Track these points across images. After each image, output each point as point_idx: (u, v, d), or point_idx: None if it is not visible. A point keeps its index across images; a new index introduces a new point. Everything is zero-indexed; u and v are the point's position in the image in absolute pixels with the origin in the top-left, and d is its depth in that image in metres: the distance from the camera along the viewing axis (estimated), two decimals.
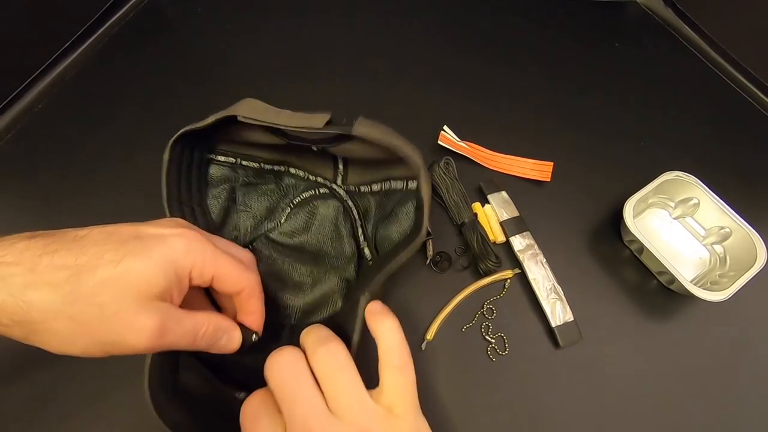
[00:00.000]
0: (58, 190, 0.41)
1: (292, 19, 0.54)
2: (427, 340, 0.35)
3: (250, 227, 0.36)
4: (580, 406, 0.33)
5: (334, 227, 0.37)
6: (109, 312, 0.21)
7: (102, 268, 0.21)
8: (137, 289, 0.21)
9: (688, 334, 0.36)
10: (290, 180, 0.39)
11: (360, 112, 0.29)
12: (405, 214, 0.36)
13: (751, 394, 0.35)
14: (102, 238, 0.22)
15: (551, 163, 0.42)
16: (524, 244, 0.38)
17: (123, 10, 0.54)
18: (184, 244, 0.23)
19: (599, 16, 0.57)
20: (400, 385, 0.24)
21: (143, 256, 0.22)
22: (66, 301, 0.20)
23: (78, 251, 0.21)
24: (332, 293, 0.34)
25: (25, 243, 0.21)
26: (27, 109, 0.46)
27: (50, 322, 0.20)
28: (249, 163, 0.37)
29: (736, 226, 0.37)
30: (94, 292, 0.21)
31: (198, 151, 0.34)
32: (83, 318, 0.21)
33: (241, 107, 0.29)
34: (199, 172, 0.34)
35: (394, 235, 0.35)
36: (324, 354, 0.23)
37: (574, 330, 0.35)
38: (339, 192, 0.38)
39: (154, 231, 0.24)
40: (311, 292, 0.34)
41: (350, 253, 0.36)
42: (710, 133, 0.47)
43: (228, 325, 0.26)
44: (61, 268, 0.21)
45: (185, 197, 0.33)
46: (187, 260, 0.23)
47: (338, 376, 0.23)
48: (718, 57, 0.54)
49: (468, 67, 0.51)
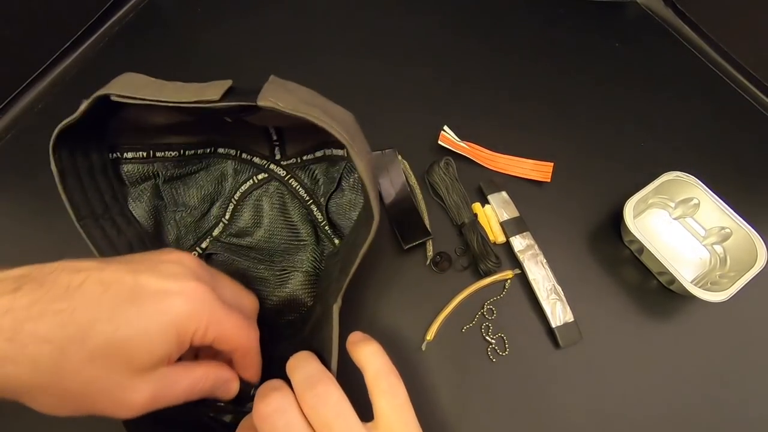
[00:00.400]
0: (57, 189, 0.41)
1: (292, 19, 0.54)
2: (427, 340, 0.35)
3: (191, 224, 0.33)
4: (580, 406, 0.33)
5: (283, 218, 0.34)
6: (96, 387, 0.19)
7: (90, 341, 0.19)
8: (130, 361, 0.20)
9: (688, 335, 0.36)
10: (220, 162, 0.34)
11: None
12: (350, 187, 0.32)
13: (751, 394, 0.35)
14: (97, 296, 0.20)
15: (551, 163, 0.42)
16: (524, 245, 0.38)
17: (123, 10, 0.54)
18: (188, 307, 0.21)
19: (599, 16, 0.57)
20: (394, 409, 0.23)
21: (139, 325, 0.20)
22: (49, 379, 0.19)
23: (67, 318, 0.19)
24: (299, 290, 0.32)
25: (8, 301, 0.18)
26: (27, 109, 0.46)
27: (33, 394, 0.19)
28: (165, 153, 0.31)
29: (736, 226, 0.37)
30: (80, 367, 0.19)
31: (95, 152, 0.28)
32: (68, 393, 0.19)
33: (115, 84, 0.25)
34: (106, 177, 0.29)
35: (347, 210, 0.32)
36: (315, 400, 0.22)
37: (574, 330, 0.35)
38: (278, 172, 0.34)
39: (156, 286, 0.21)
40: (276, 293, 0.32)
41: (308, 239, 0.33)
42: (710, 133, 0.47)
43: (228, 376, 0.25)
44: (44, 341, 0.18)
45: (99, 210, 0.28)
46: (189, 325, 0.21)
47: (335, 422, 0.21)
48: (718, 57, 0.54)
49: (468, 67, 0.51)
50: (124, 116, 0.27)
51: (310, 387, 0.22)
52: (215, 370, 0.24)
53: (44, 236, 0.39)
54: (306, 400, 0.22)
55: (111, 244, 0.28)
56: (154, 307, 0.21)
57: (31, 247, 0.39)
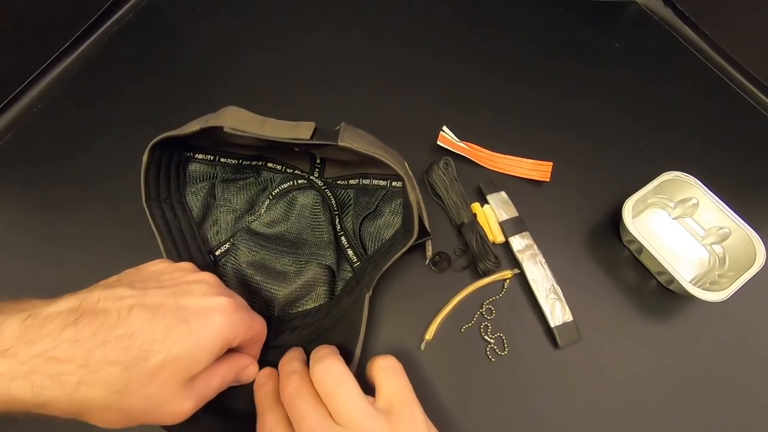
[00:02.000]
0: (57, 189, 0.41)
1: (292, 19, 0.54)
2: (426, 340, 0.35)
3: (231, 221, 0.37)
4: (579, 406, 0.33)
5: (313, 216, 0.38)
6: (155, 402, 0.22)
7: (152, 358, 0.22)
8: (183, 374, 0.23)
9: (688, 334, 0.36)
10: (268, 174, 0.39)
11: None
12: (391, 210, 0.37)
13: (751, 394, 0.35)
14: (149, 320, 0.22)
15: (550, 163, 0.42)
16: (523, 245, 0.38)
17: (123, 10, 0.54)
18: (228, 320, 0.25)
19: (599, 16, 0.57)
20: (395, 385, 0.26)
21: (192, 339, 0.23)
22: (116, 398, 0.21)
23: (128, 342, 0.22)
24: (315, 281, 0.35)
25: (73, 333, 0.21)
26: (27, 109, 0.46)
27: (100, 413, 0.21)
28: (227, 159, 0.37)
29: (735, 226, 0.37)
30: (143, 384, 0.22)
31: (177, 152, 0.34)
32: (130, 409, 0.22)
33: (226, 117, 0.30)
34: (178, 171, 0.35)
35: (382, 229, 0.37)
36: (320, 371, 0.25)
37: (573, 330, 0.35)
38: (317, 182, 0.39)
39: (196, 305, 0.24)
40: (294, 281, 0.35)
41: (328, 240, 0.37)
42: (710, 133, 0.47)
43: (246, 362, 0.28)
44: (113, 363, 0.21)
45: (164, 195, 0.34)
46: (229, 335, 0.25)
47: (336, 389, 0.25)
48: (717, 57, 0.54)
49: (467, 68, 0.51)
50: (210, 131, 0.31)
51: (317, 362, 0.26)
52: (236, 360, 0.27)
53: (44, 235, 0.39)
54: (313, 373, 0.25)
55: (166, 224, 0.34)
56: (200, 323, 0.24)
57: (32, 246, 0.39)
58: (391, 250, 0.32)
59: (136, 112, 0.46)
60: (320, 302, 0.35)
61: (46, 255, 0.38)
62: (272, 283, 0.35)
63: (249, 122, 0.29)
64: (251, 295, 0.35)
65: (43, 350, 0.20)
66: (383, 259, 0.32)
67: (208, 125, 0.29)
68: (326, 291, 0.35)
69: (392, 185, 0.38)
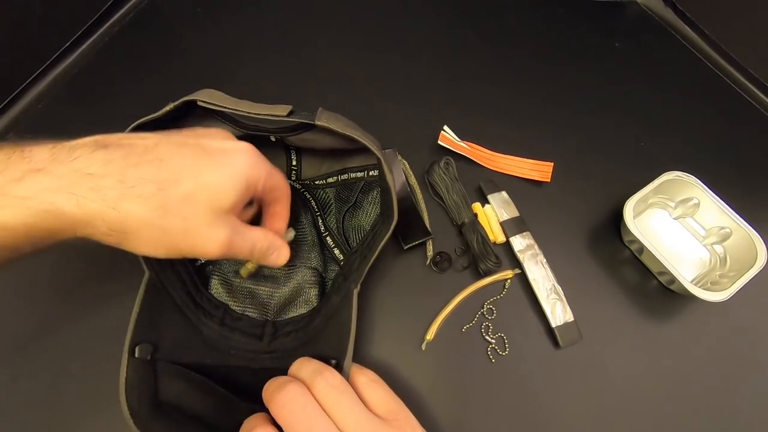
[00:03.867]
0: None
1: (292, 18, 0.54)
2: (427, 340, 0.35)
3: None
4: (580, 407, 0.33)
5: (295, 218, 0.37)
6: (192, 224, 0.23)
7: (183, 182, 0.23)
8: (214, 202, 0.24)
9: (688, 334, 0.36)
10: None
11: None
12: (370, 201, 0.37)
13: (751, 394, 0.35)
14: (176, 151, 0.23)
15: (551, 163, 0.42)
16: (524, 245, 0.38)
17: (123, 10, 0.54)
18: (250, 160, 0.26)
19: (599, 16, 0.57)
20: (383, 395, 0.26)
21: (218, 171, 0.24)
22: (156, 214, 0.22)
23: (159, 165, 0.22)
24: (304, 284, 0.35)
25: (104, 154, 0.22)
26: (27, 109, 0.46)
27: (142, 231, 0.22)
28: None
29: (736, 226, 0.37)
30: (179, 205, 0.22)
31: None
32: (170, 229, 0.23)
33: (199, 94, 0.30)
34: None
35: (363, 221, 0.37)
36: (323, 384, 0.25)
37: (574, 330, 0.35)
38: (295, 185, 0.39)
39: (218, 146, 0.25)
40: (285, 285, 0.35)
41: (312, 242, 0.37)
42: (710, 133, 0.47)
43: (279, 244, 0.29)
44: (148, 181, 0.22)
45: None
46: (253, 174, 0.26)
47: (342, 400, 0.24)
48: (718, 57, 0.54)
49: (468, 67, 0.51)
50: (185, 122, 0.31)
51: (318, 374, 0.25)
52: (270, 236, 0.28)
53: None
54: (315, 385, 0.25)
55: None
56: (224, 159, 0.25)
57: None
58: (375, 240, 0.31)
59: (136, 112, 0.46)
60: (313, 305, 0.34)
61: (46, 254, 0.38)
62: (263, 289, 0.34)
63: (223, 99, 0.29)
64: (245, 300, 0.34)
65: (78, 167, 0.21)
66: (369, 252, 0.31)
67: (182, 101, 0.29)
68: (317, 293, 0.35)
69: (369, 175, 0.38)
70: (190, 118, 0.30)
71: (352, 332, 0.29)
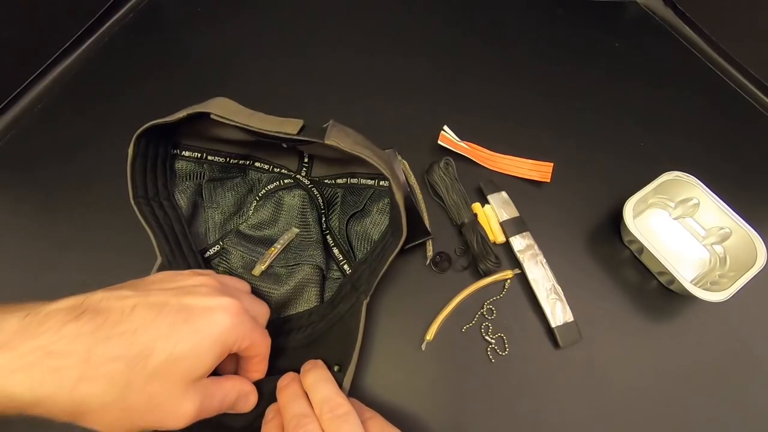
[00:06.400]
0: (57, 189, 0.41)
1: (292, 19, 0.54)
2: (427, 340, 0.35)
3: (219, 223, 0.37)
4: (579, 407, 0.33)
5: (301, 216, 0.38)
6: (156, 401, 0.22)
7: (155, 356, 0.21)
8: (186, 374, 0.22)
9: (688, 334, 0.36)
10: (255, 174, 0.39)
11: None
12: (378, 210, 0.37)
13: (751, 394, 0.35)
14: (152, 318, 0.22)
15: (551, 163, 0.42)
16: (524, 245, 0.38)
17: (123, 10, 0.54)
18: (231, 321, 0.24)
19: (599, 16, 0.57)
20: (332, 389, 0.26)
21: (195, 338, 0.23)
22: (120, 395, 0.21)
23: (131, 339, 0.21)
24: (306, 282, 0.35)
25: (74, 328, 0.20)
26: (27, 109, 0.46)
27: (100, 412, 0.21)
28: (214, 158, 0.37)
29: (736, 226, 0.37)
30: (147, 381, 0.21)
31: (162, 146, 0.34)
32: (133, 407, 0.21)
33: (213, 105, 0.29)
34: (165, 168, 0.34)
35: (369, 228, 0.37)
36: (309, 375, 0.27)
37: (573, 330, 0.35)
38: (303, 181, 0.39)
39: (200, 304, 0.24)
40: (287, 283, 0.35)
41: (316, 239, 0.37)
42: (710, 133, 0.47)
43: (248, 389, 0.27)
44: (116, 359, 0.20)
45: (152, 193, 0.33)
46: (231, 336, 0.24)
47: (319, 385, 0.26)
48: (718, 57, 0.54)
49: (468, 67, 0.51)
50: (196, 125, 0.31)
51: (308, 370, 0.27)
52: (239, 383, 0.27)
53: (44, 235, 0.39)
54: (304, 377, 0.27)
55: (157, 221, 0.33)
56: (204, 322, 0.23)
57: (32, 245, 0.39)
58: (384, 253, 0.31)
59: (136, 113, 0.46)
60: (312, 305, 0.34)
61: (44, 256, 0.38)
62: (265, 285, 0.34)
63: (237, 113, 0.29)
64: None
65: (42, 344, 0.20)
66: (378, 264, 0.31)
67: (195, 111, 0.29)
68: (317, 293, 0.35)
69: (380, 184, 0.38)
70: (202, 121, 0.30)
71: (358, 342, 0.29)
